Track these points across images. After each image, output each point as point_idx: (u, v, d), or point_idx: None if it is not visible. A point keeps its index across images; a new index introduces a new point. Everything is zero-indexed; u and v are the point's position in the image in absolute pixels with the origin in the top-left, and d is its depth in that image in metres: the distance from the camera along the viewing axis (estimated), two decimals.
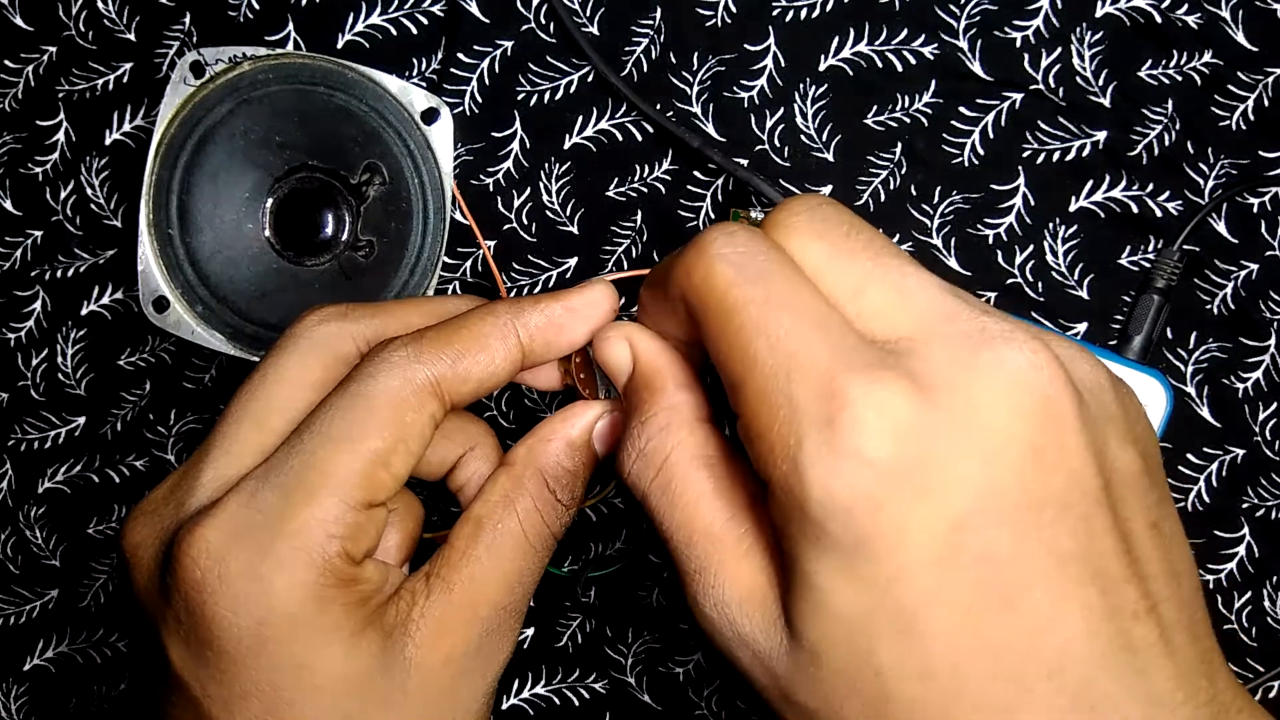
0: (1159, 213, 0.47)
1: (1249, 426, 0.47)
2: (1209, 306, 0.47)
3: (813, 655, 0.25)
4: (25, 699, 0.53)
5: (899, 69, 0.47)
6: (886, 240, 0.27)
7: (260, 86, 0.46)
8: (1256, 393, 0.47)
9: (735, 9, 0.48)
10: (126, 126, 0.51)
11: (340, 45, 0.49)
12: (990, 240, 0.48)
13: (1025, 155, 0.47)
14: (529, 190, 0.49)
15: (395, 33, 0.49)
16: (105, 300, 0.52)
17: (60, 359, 0.52)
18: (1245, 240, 0.47)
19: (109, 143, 0.51)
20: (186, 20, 0.50)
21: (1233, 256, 0.47)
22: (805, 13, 0.47)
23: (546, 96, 0.49)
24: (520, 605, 0.34)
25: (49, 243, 0.52)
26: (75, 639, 0.53)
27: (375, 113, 0.46)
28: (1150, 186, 0.47)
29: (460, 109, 0.49)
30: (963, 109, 0.47)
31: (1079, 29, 0.47)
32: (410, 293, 0.47)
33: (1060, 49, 0.47)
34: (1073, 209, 0.47)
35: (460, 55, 0.49)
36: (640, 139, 0.49)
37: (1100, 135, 0.47)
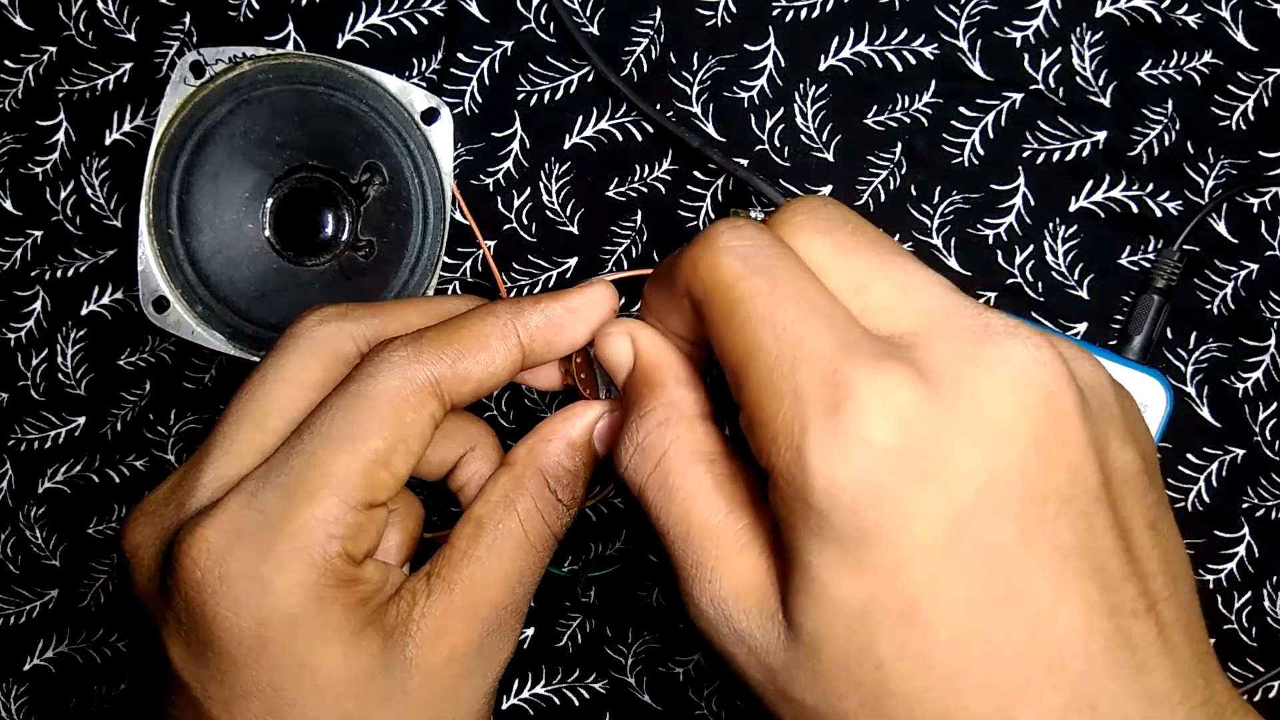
0: (1159, 213, 0.47)
1: (1249, 426, 0.47)
2: (1209, 306, 0.47)
3: (812, 649, 0.25)
4: (25, 699, 0.53)
5: (899, 69, 0.47)
6: (890, 239, 0.28)
7: (260, 86, 0.46)
8: (1256, 393, 0.47)
9: (735, 9, 0.48)
10: (126, 126, 0.51)
11: (340, 45, 0.49)
12: (990, 240, 0.48)
13: (1025, 155, 0.47)
14: (529, 190, 0.49)
15: (395, 33, 0.49)
16: (105, 300, 0.52)
17: (60, 359, 0.52)
18: (1245, 240, 0.47)
19: (109, 143, 0.51)
20: (186, 20, 0.50)
21: (1233, 256, 0.47)
22: (805, 13, 0.47)
23: (546, 96, 0.49)
24: (521, 605, 0.34)
25: (49, 243, 0.52)
26: (75, 639, 0.53)
27: (375, 113, 0.46)
28: (1150, 186, 0.47)
29: (460, 109, 0.49)
30: (963, 109, 0.47)
31: (1079, 29, 0.47)
32: (410, 293, 0.47)
33: (1060, 49, 0.47)
34: (1073, 209, 0.47)
35: (460, 55, 0.48)
36: (640, 139, 0.49)
37: (1100, 135, 0.47)
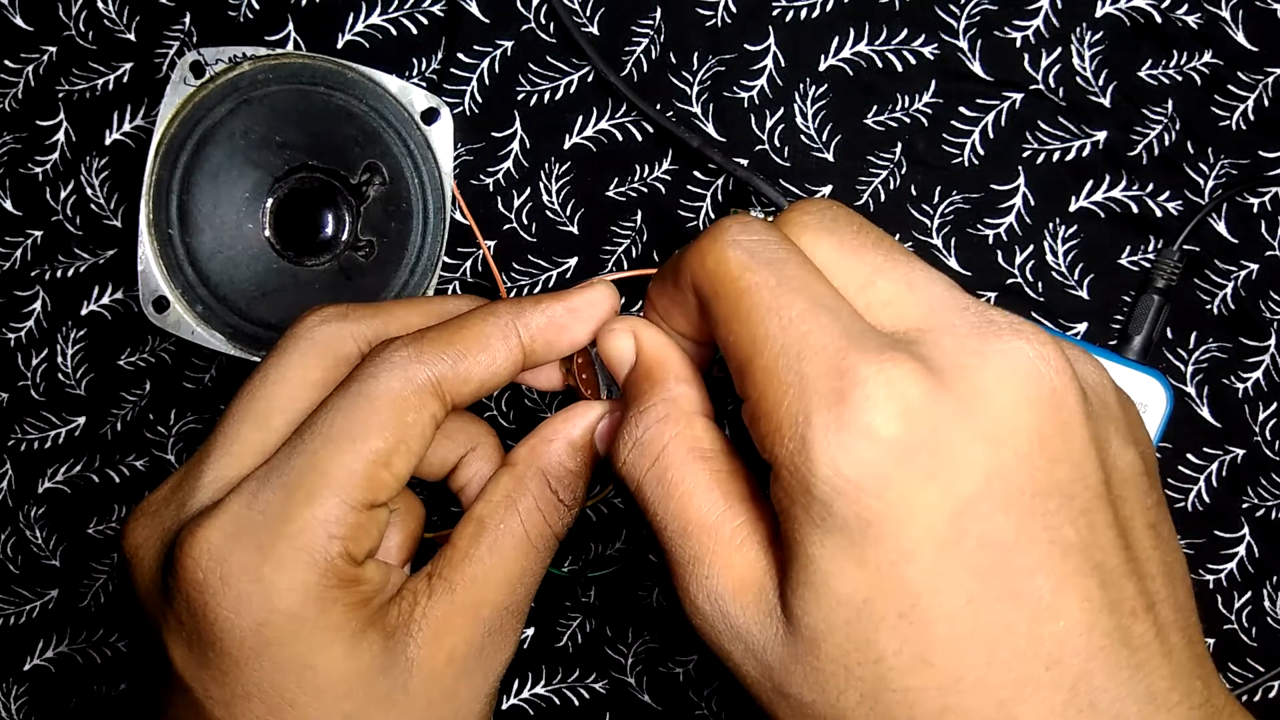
0: (1159, 213, 0.47)
1: (1249, 426, 0.47)
2: (1209, 306, 0.47)
3: (810, 643, 0.25)
4: (25, 699, 0.53)
5: (899, 69, 0.47)
6: (894, 240, 0.28)
7: (260, 86, 0.46)
8: (1256, 393, 0.47)
9: (735, 9, 0.48)
10: (126, 126, 0.51)
11: (340, 45, 0.49)
12: (990, 240, 0.48)
13: (1025, 155, 0.47)
14: (529, 190, 0.49)
15: (395, 33, 0.49)
16: (105, 300, 0.52)
17: (60, 359, 0.52)
18: (1245, 240, 0.47)
19: (109, 143, 0.51)
20: (186, 20, 0.50)
21: (1233, 256, 0.47)
22: (805, 13, 0.47)
23: (546, 96, 0.49)
24: (522, 605, 0.34)
25: (49, 243, 0.52)
26: (75, 639, 0.53)
27: (375, 113, 0.46)
28: (1150, 186, 0.47)
29: (460, 109, 0.49)
30: (963, 109, 0.47)
31: (1079, 29, 0.47)
32: (410, 293, 0.47)
33: (1060, 49, 0.47)
34: (1073, 209, 0.47)
35: (460, 55, 0.48)
36: (640, 139, 0.49)
37: (1100, 135, 0.47)
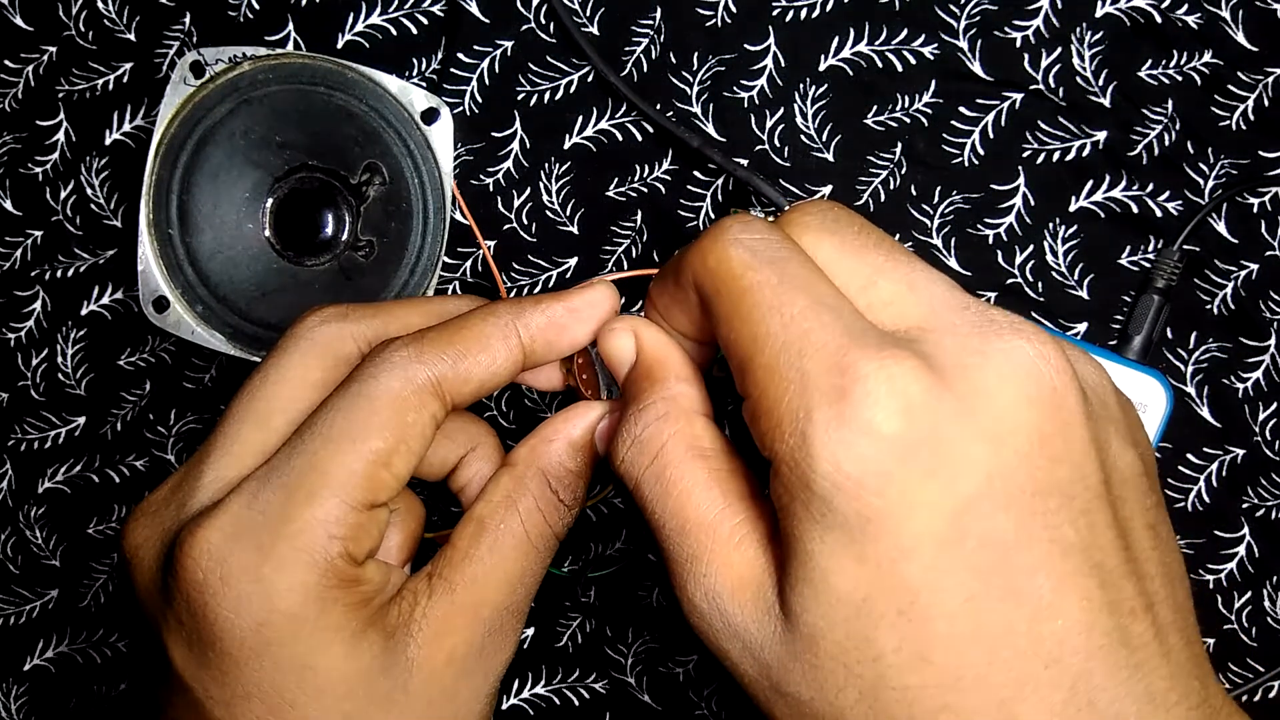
0: (1159, 213, 0.47)
1: (1249, 426, 0.47)
2: (1209, 306, 0.47)
3: (809, 641, 0.25)
4: (25, 699, 0.53)
5: (899, 69, 0.47)
6: (895, 241, 0.28)
7: (260, 86, 0.46)
8: (1256, 393, 0.47)
9: (735, 9, 0.48)
10: (126, 126, 0.51)
11: (340, 45, 0.49)
12: (990, 240, 0.48)
13: (1025, 155, 0.47)
14: (529, 190, 0.49)
15: (395, 33, 0.49)
16: (105, 300, 0.52)
17: (60, 359, 0.52)
18: (1245, 240, 0.47)
19: (109, 143, 0.51)
20: (186, 20, 0.50)
21: (1233, 256, 0.47)
22: (805, 13, 0.47)
23: (546, 96, 0.49)
24: (522, 605, 0.34)
25: (49, 243, 0.52)
26: (75, 639, 0.53)
27: (375, 113, 0.46)
28: (1150, 186, 0.47)
29: (460, 109, 0.49)
30: (963, 109, 0.47)
31: (1079, 29, 0.47)
32: (410, 293, 0.47)
33: (1060, 49, 0.47)
34: (1073, 209, 0.47)
35: (460, 55, 0.48)
36: (640, 139, 0.49)
37: (1100, 135, 0.47)
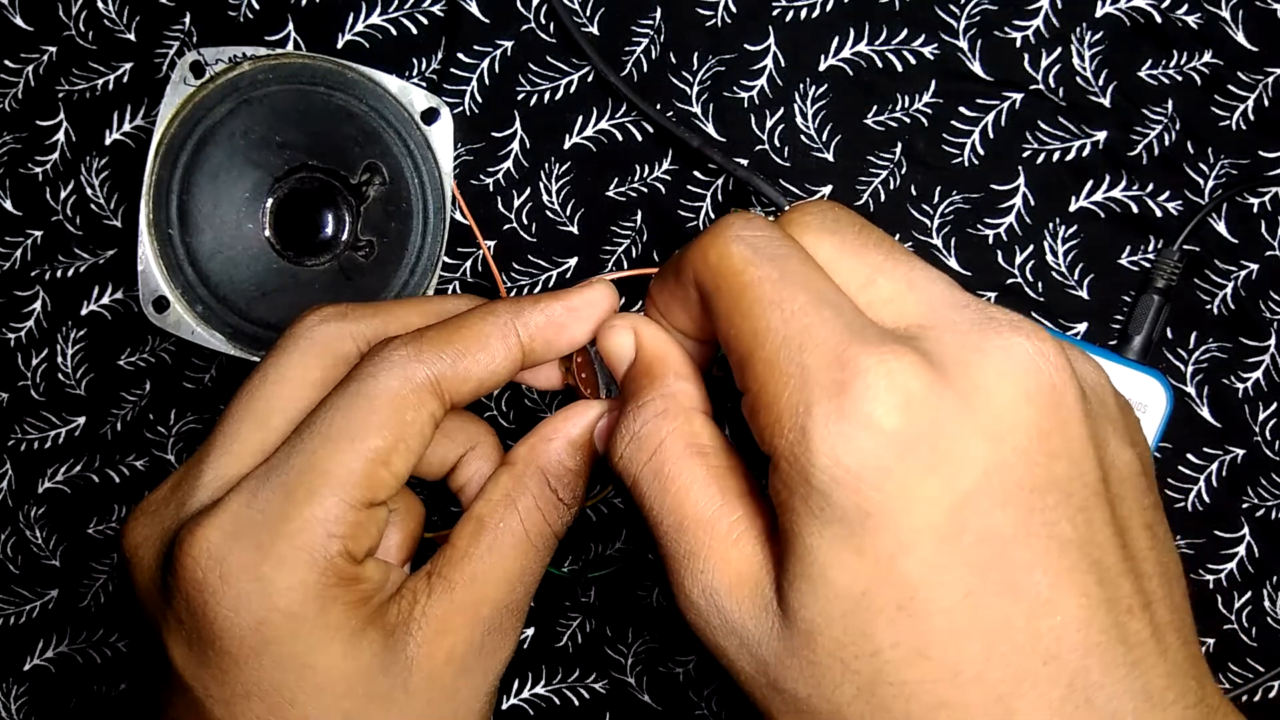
0: (1159, 213, 0.47)
1: (1249, 426, 0.47)
2: (1209, 306, 0.47)
3: (807, 637, 0.25)
4: (25, 699, 0.53)
5: (899, 69, 0.47)
6: (895, 241, 0.28)
7: (260, 86, 0.46)
8: (1256, 393, 0.47)
9: (735, 9, 0.48)
10: (126, 126, 0.51)
11: (340, 45, 0.49)
12: (990, 240, 0.48)
13: (1025, 155, 0.47)
14: (529, 190, 0.49)
15: (395, 33, 0.49)
16: (105, 300, 0.52)
17: (60, 359, 0.52)
18: (1245, 240, 0.47)
19: (109, 143, 0.51)
20: (186, 20, 0.50)
21: (1233, 256, 0.47)
22: (805, 13, 0.47)
23: (546, 96, 0.49)
24: (522, 604, 0.34)
25: (49, 243, 0.52)
26: (75, 639, 0.53)
27: (375, 113, 0.46)
28: (1150, 186, 0.47)
29: (460, 109, 0.49)
30: (963, 109, 0.47)
31: (1079, 29, 0.47)
32: (410, 293, 0.47)
33: (1060, 49, 0.47)
34: (1073, 209, 0.47)
35: (460, 55, 0.49)
36: (640, 139, 0.49)
37: (1100, 135, 0.47)
